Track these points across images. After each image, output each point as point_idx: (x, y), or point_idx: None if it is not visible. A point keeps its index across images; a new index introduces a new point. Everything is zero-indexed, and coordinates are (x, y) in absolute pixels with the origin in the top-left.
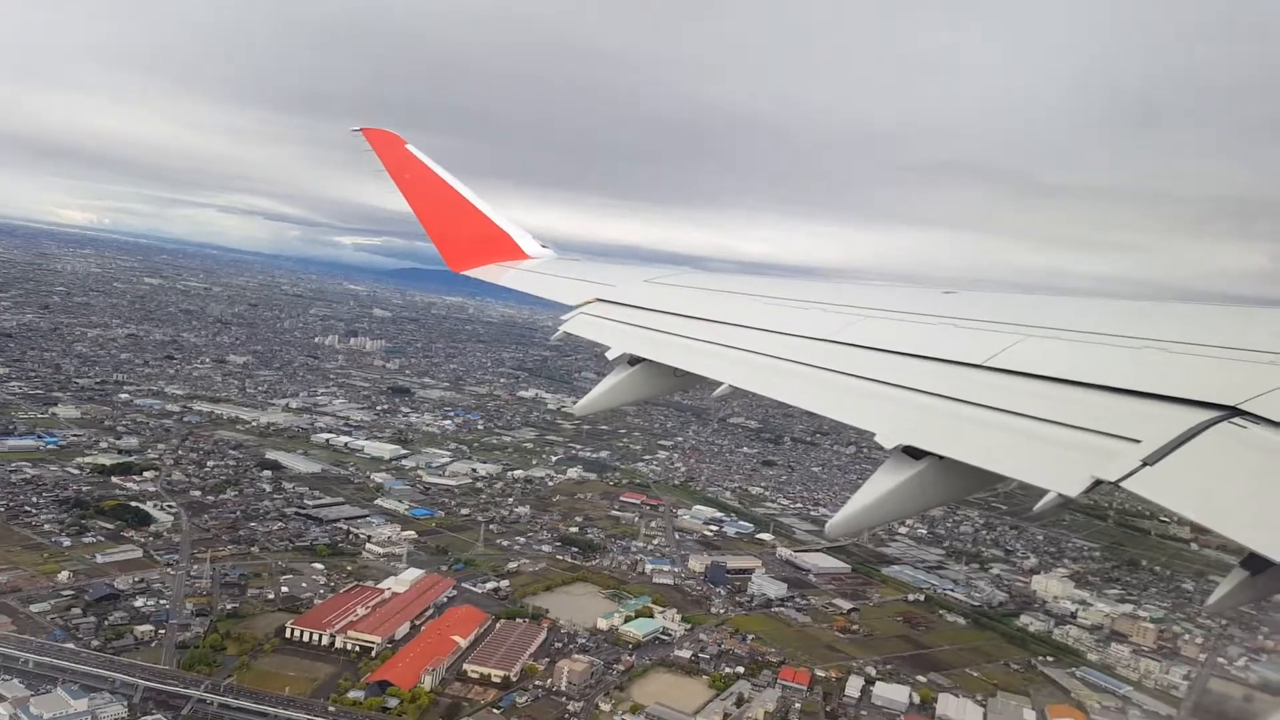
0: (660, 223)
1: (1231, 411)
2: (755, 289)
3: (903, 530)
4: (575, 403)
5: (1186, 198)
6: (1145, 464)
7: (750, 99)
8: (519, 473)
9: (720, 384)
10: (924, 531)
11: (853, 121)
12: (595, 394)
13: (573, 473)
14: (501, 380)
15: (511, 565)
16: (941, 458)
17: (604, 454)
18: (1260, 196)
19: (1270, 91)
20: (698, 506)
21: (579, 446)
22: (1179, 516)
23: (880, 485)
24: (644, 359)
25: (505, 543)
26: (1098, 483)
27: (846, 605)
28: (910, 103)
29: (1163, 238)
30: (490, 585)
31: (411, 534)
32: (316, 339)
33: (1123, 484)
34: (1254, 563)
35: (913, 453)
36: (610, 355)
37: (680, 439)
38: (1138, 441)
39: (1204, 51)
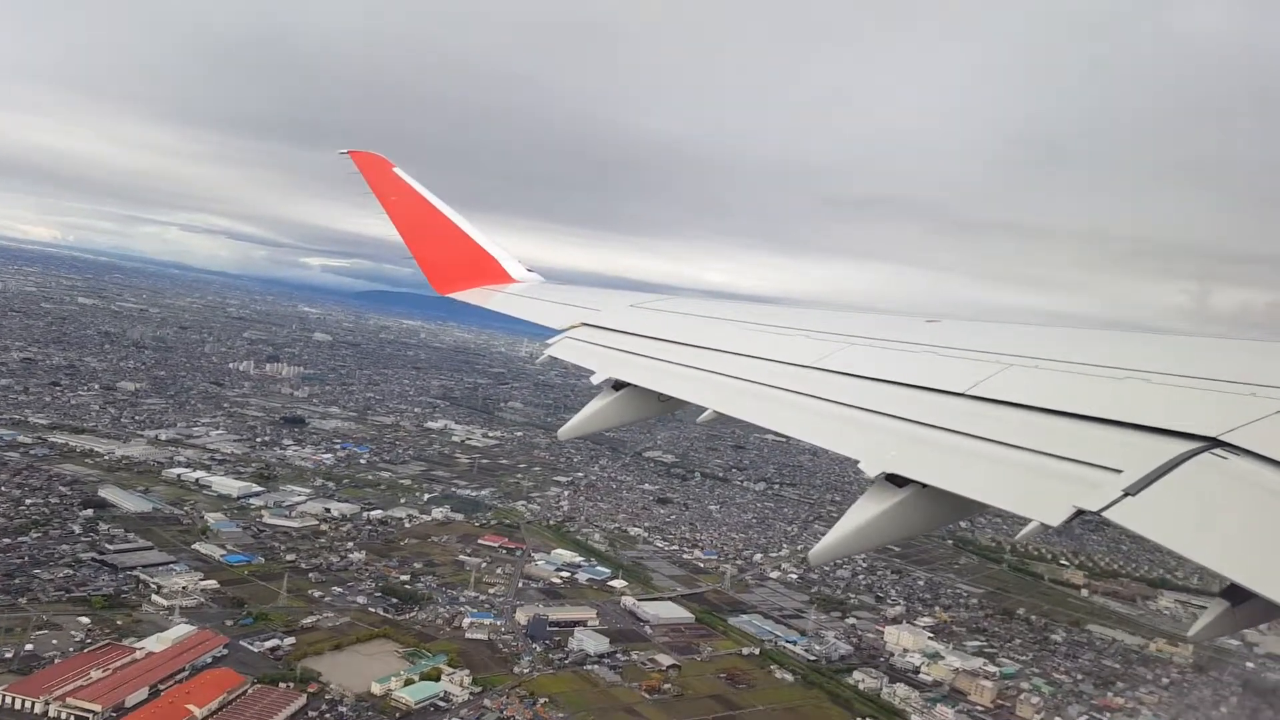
0: (614, 250)
1: (1212, 443)
2: (739, 315)
3: (774, 575)
4: (483, 434)
5: (1112, 236)
6: (1127, 494)
7: (673, 130)
8: (377, 513)
9: (704, 409)
10: (795, 576)
11: (773, 155)
12: (579, 418)
13: (438, 513)
14: (416, 410)
15: (309, 620)
16: (924, 486)
17: (486, 492)
18: (1177, 238)
19: (1181, 133)
20: (557, 550)
21: (464, 483)
22: (1158, 547)
23: (863, 513)
24: (628, 384)
25: (318, 593)
26: (1079, 512)
27: (667, 661)
28: (825, 137)
29: (1094, 274)
30: (270, 643)
31: (212, 584)
32: (231, 364)
33: (1104, 514)
34: (1234, 594)
35: (895, 480)
36: (595, 380)
37: (582, 474)
38: (1119, 471)
39: (1116, 95)
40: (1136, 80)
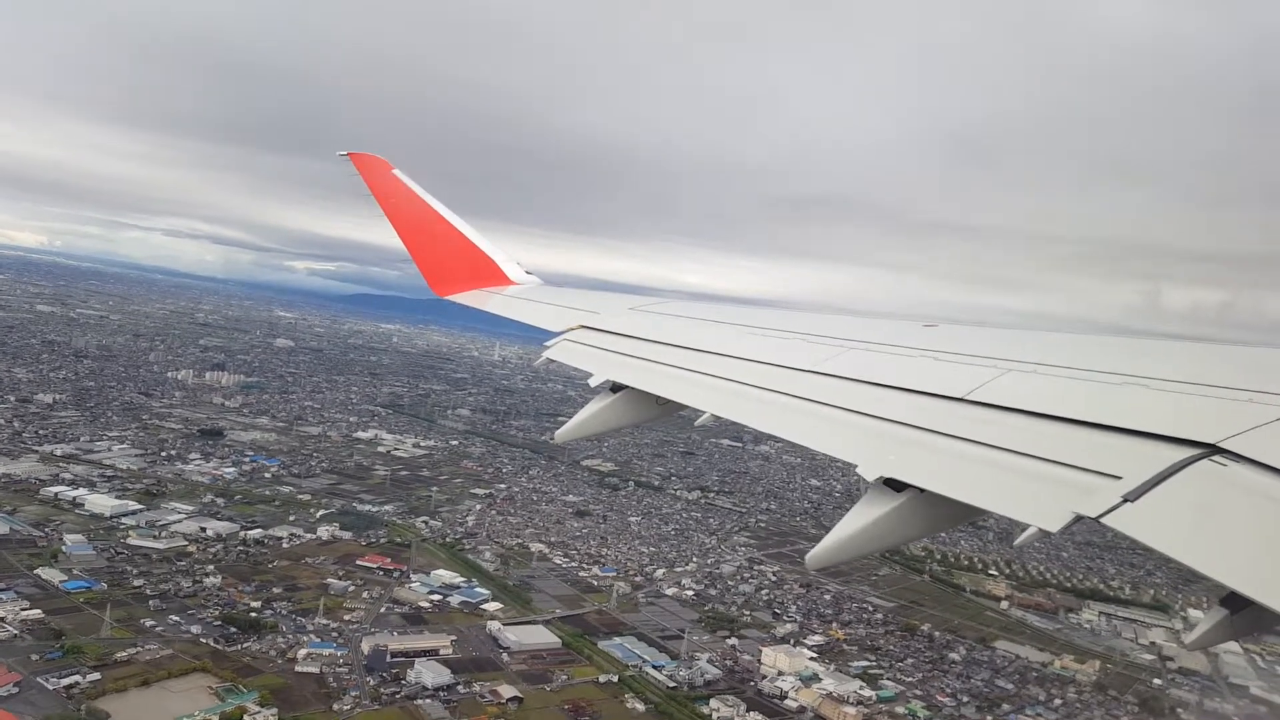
0: (579, 252)
1: (1211, 449)
2: (739, 319)
3: (670, 591)
4: (414, 444)
5: (1059, 237)
6: (1126, 500)
7: (605, 128)
8: (256, 532)
9: (702, 412)
10: (691, 593)
11: (709, 155)
12: (576, 421)
13: (324, 531)
14: (352, 419)
15: (125, 652)
16: (923, 490)
17: (390, 507)
18: (1123, 237)
19: (1120, 133)
20: (438, 571)
21: (370, 498)
22: (1157, 554)
23: (861, 517)
24: (626, 386)
25: (151, 622)
26: (1078, 518)
27: (510, 693)
28: (756, 138)
29: (1045, 274)
30: (69, 680)
31: (36, 613)
32: (170, 374)
33: (1103, 520)
34: (1233, 601)
35: (894, 485)
36: (593, 382)
37: (505, 486)
38: (1118, 478)
39: (1049, 92)
40: (1068, 77)
